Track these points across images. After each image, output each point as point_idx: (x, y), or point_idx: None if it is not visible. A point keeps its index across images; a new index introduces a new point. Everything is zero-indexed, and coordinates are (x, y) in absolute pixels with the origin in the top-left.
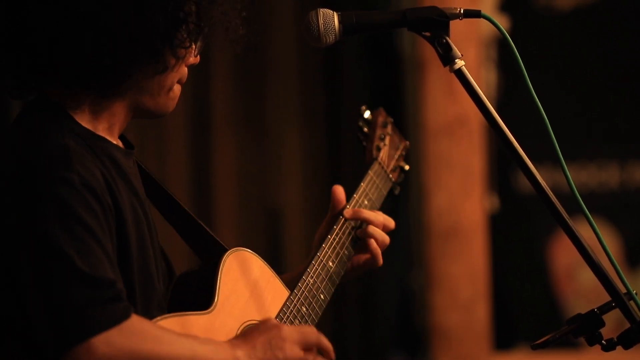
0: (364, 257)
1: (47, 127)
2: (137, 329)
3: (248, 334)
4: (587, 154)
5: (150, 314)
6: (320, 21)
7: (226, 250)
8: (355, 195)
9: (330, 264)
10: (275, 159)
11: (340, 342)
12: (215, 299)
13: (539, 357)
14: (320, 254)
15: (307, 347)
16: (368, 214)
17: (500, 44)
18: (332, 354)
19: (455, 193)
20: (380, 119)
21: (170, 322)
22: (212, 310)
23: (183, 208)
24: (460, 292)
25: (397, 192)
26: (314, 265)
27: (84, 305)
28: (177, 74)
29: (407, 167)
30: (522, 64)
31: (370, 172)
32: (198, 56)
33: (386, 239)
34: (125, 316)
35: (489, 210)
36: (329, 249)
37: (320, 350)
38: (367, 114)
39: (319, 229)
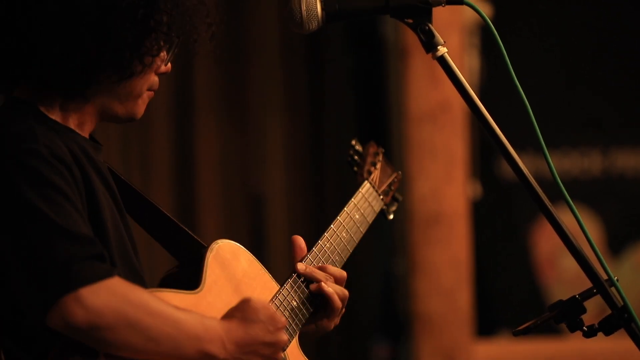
0: (325, 315)
1: (16, 116)
2: (122, 289)
3: (251, 320)
4: (569, 140)
5: None
6: (303, 7)
7: (205, 247)
8: (345, 209)
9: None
10: (258, 146)
11: None
12: (202, 283)
13: (521, 343)
14: (315, 248)
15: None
16: (317, 273)
17: (483, 31)
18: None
19: (437, 180)
20: (372, 150)
21: (157, 295)
22: (199, 291)
23: (157, 207)
24: (442, 279)
25: (390, 217)
26: (307, 259)
27: (70, 259)
28: (145, 81)
29: (400, 198)
30: (504, 51)
31: (362, 190)
32: (169, 65)
33: (345, 293)
34: (110, 274)
35: (472, 197)
36: (322, 248)
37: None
38: (357, 146)
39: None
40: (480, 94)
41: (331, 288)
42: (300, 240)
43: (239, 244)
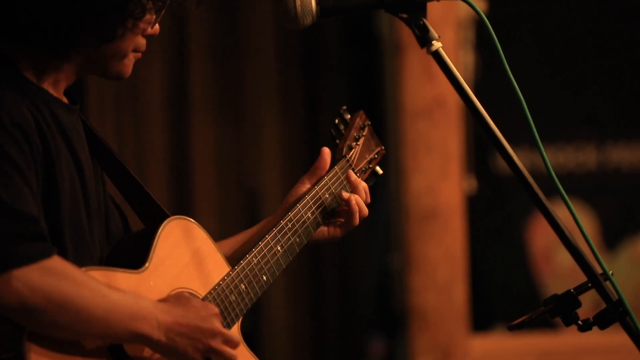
0: (338, 222)
1: None
2: (57, 270)
3: (184, 305)
4: (564, 135)
5: (81, 265)
6: (298, 3)
7: (168, 216)
8: (316, 187)
9: (279, 248)
10: (254, 142)
11: (320, 323)
12: (148, 262)
13: (516, 338)
14: (269, 236)
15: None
16: (356, 179)
17: (478, 26)
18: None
19: (433, 175)
20: (359, 121)
21: (96, 274)
22: (142, 271)
23: (129, 172)
24: (438, 274)
25: None
26: (260, 246)
27: (6, 238)
28: (130, 42)
29: (380, 172)
30: (499, 46)
31: (336, 168)
32: (157, 27)
33: (366, 212)
34: (45, 255)
35: (467, 192)
36: (284, 227)
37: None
38: (346, 115)
39: (299, 184)
40: (475, 89)
41: (361, 206)
42: (327, 151)
43: (194, 221)
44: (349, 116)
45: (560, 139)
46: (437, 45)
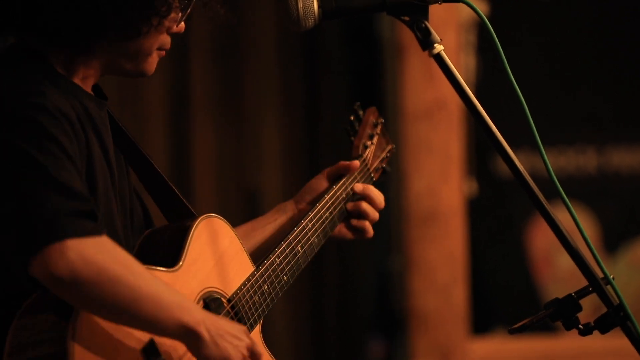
0: (353, 228)
1: (24, 67)
2: (109, 247)
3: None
4: (565, 138)
5: None
6: (300, 5)
7: (195, 216)
8: (334, 186)
9: (299, 248)
10: (254, 142)
11: (320, 324)
12: (182, 260)
13: (517, 341)
14: (291, 236)
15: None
16: (374, 191)
17: (480, 28)
18: None
19: (434, 177)
20: (372, 119)
21: None
22: (177, 270)
23: (154, 167)
24: (438, 276)
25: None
26: (283, 246)
27: (59, 211)
28: (155, 40)
29: (389, 169)
30: (500, 48)
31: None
32: (182, 25)
33: (377, 216)
34: (99, 232)
35: (468, 195)
36: (305, 227)
37: None
38: (360, 111)
39: (317, 179)
40: (476, 92)
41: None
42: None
43: (223, 219)
44: (362, 112)
45: (561, 142)
46: (439, 48)
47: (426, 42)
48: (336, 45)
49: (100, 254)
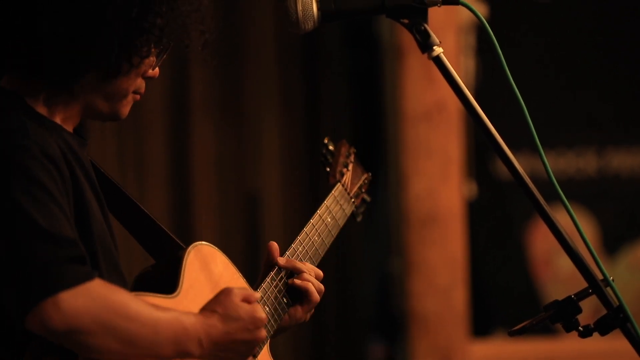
0: (301, 307)
1: (6, 109)
2: (102, 294)
3: (228, 313)
4: (565, 141)
5: (113, 283)
6: (299, 7)
7: (183, 248)
8: (318, 212)
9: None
10: (254, 144)
11: (319, 326)
12: (179, 287)
13: (517, 343)
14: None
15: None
16: (300, 264)
17: (479, 31)
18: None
19: (433, 179)
20: (344, 150)
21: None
22: (175, 296)
23: (137, 205)
24: (438, 278)
25: (359, 219)
26: (276, 270)
27: (49, 262)
28: (131, 82)
29: (368, 199)
30: (500, 51)
31: (334, 193)
32: (157, 70)
33: (322, 287)
34: (90, 277)
35: (467, 197)
36: (294, 252)
37: None
38: (330, 145)
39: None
40: (475, 94)
41: (312, 280)
42: (276, 246)
43: (214, 247)
44: (332, 146)
45: (561, 145)
46: (438, 50)
47: (425, 45)
48: (336, 48)
49: (93, 302)
